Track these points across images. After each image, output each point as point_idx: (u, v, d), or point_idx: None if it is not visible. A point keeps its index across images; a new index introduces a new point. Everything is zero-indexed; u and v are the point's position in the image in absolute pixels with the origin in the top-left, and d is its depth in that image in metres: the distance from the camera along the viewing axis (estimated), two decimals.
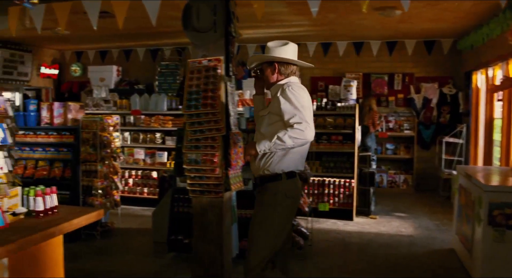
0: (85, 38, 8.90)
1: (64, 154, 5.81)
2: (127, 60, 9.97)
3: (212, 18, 4.04)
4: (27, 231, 2.41)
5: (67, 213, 2.84)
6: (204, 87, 3.99)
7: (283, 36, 8.54)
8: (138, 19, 6.02)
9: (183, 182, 5.43)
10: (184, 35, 8.49)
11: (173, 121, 7.58)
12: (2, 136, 2.25)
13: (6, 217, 2.35)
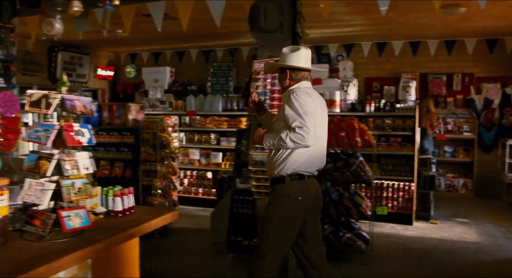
0: (140, 40, 9.07)
1: (125, 154, 5.90)
2: (180, 61, 10.08)
3: (279, 18, 4.00)
4: (110, 231, 2.43)
5: (143, 214, 2.86)
6: (271, 88, 3.96)
7: (338, 36, 8.42)
8: (194, 21, 6.07)
9: (242, 183, 5.43)
10: (237, 36, 8.63)
11: (228, 122, 7.59)
12: (88, 137, 2.27)
13: (90, 217, 2.37)
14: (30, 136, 2.24)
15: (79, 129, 2.29)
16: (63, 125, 2.23)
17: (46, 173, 2.20)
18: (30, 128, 2.25)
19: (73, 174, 2.27)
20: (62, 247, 2.16)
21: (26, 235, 2.30)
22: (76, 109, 2.27)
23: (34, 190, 2.23)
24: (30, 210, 2.28)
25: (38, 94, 2.25)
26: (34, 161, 2.25)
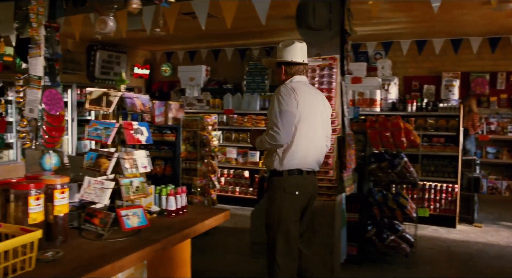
0: (176, 39, 9.08)
1: (165, 152, 5.91)
2: (216, 60, 10.06)
3: (328, 15, 3.92)
4: (166, 231, 2.40)
5: (196, 213, 2.82)
6: (319, 87, 3.89)
7: (377, 34, 8.26)
8: (233, 20, 6.03)
9: None
10: (273, 34, 8.55)
11: (266, 121, 7.52)
12: (147, 135, 2.24)
13: (147, 216, 2.34)
14: (90, 135, 2.22)
15: (138, 128, 2.26)
16: (123, 124, 2.21)
17: (106, 171, 2.18)
18: (90, 126, 2.23)
19: (132, 173, 2.25)
20: (122, 246, 2.14)
21: (84, 233, 2.29)
22: (136, 108, 2.24)
23: (93, 188, 2.21)
24: (89, 208, 2.27)
25: (98, 92, 2.23)
26: (93, 159, 2.24)
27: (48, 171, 2.27)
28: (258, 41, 9.35)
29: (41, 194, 2.01)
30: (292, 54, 3.36)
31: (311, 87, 3.45)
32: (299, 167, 3.29)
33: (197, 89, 8.52)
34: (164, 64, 10.54)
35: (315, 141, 3.35)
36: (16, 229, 1.89)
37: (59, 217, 2.13)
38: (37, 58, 2.95)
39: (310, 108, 3.27)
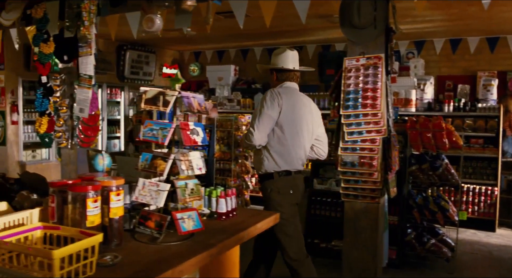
0: (204, 39, 9.04)
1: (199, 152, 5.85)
2: (244, 59, 9.99)
3: (373, 13, 3.80)
4: (219, 234, 2.33)
5: (245, 216, 2.75)
6: (363, 87, 3.78)
7: (409, 32, 8.08)
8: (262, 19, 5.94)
9: (320, 184, 5.27)
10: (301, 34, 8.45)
11: None
12: (202, 136, 2.17)
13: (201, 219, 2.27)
14: (146, 135, 2.16)
15: (194, 128, 2.20)
16: (181, 124, 2.15)
17: (163, 173, 2.12)
18: (145, 127, 2.18)
19: (188, 175, 2.19)
20: (179, 250, 2.08)
21: (137, 236, 2.23)
22: (193, 108, 2.18)
23: (148, 190, 2.15)
24: (143, 210, 2.21)
25: (153, 91, 2.17)
26: (148, 160, 2.18)
27: (100, 172, 2.21)
28: (287, 41, 9.25)
29: (98, 196, 1.96)
30: (283, 61, 3.63)
31: (301, 93, 3.71)
32: (286, 168, 3.53)
33: (227, 89, 8.47)
34: (192, 64, 10.52)
35: (300, 143, 3.59)
36: (75, 232, 1.84)
37: (114, 219, 2.07)
38: (88, 57, 2.91)
39: (295, 113, 3.53)
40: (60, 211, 2.02)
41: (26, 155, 7.54)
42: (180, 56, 10.75)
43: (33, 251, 1.62)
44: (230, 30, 7.74)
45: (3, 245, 1.70)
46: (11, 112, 7.21)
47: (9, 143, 7.24)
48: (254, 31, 8.05)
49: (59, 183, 2.01)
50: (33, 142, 7.74)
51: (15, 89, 7.25)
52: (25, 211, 2.03)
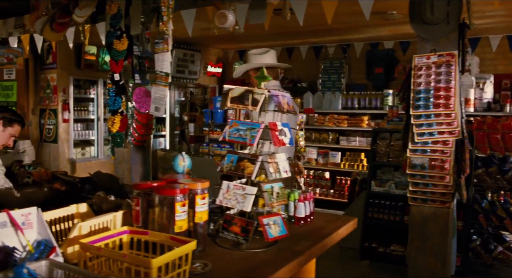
0: (249, 37, 8.93)
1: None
2: (289, 58, 9.84)
3: (445, 8, 3.60)
4: (304, 241, 2.21)
5: (323, 221, 2.62)
6: (435, 86, 3.59)
7: None
8: (309, 16, 5.76)
9: (378, 187, 5.09)
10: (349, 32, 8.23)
11: (349, 121, 7.26)
12: (289, 137, 2.05)
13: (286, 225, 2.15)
14: (232, 136, 2.06)
15: (282, 129, 2.07)
16: (270, 124, 2.03)
17: (250, 175, 2.00)
18: (230, 127, 2.07)
19: (275, 178, 2.07)
20: (267, 258, 1.96)
21: (219, 241, 2.13)
22: (282, 107, 2.06)
23: (233, 193, 2.05)
24: (226, 215, 2.11)
25: (240, 89, 2.06)
26: (234, 162, 2.07)
27: (180, 174, 2.11)
28: (334, 39, 9.05)
29: (186, 199, 1.87)
30: (266, 61, 3.74)
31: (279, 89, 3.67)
32: None
33: None
34: (236, 62, 10.44)
35: None
36: (165, 237, 1.74)
37: (199, 224, 1.98)
38: (164, 54, 2.83)
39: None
40: (144, 214, 1.94)
41: (76, 153, 7.61)
42: (225, 54, 10.70)
43: (129, 259, 1.53)
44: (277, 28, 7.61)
45: (95, 251, 1.62)
46: (63, 111, 7.28)
47: (60, 140, 7.31)
48: (300, 29, 7.88)
49: (144, 185, 1.92)
50: (82, 139, 7.82)
51: (67, 87, 7.32)
52: (109, 214, 1.95)
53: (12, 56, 6.74)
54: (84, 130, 7.82)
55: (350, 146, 7.20)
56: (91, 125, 7.93)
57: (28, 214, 1.68)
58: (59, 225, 2.00)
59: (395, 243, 5.03)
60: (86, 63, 7.47)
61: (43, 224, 1.69)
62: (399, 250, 4.93)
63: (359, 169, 6.94)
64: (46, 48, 7.10)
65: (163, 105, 2.77)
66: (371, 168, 5.21)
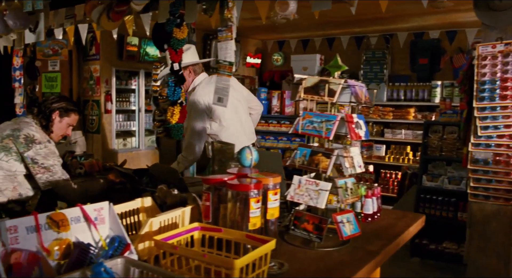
0: (289, 27, 8.78)
1: (296, 144, 5.64)
2: (330, 48, 9.66)
3: None
4: (376, 240, 2.09)
5: (390, 218, 2.49)
6: (502, 76, 3.39)
7: None
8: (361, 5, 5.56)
9: (430, 181, 4.90)
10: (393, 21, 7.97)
11: (394, 113, 7.05)
12: (365, 130, 1.93)
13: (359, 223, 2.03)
14: (305, 128, 1.95)
15: (358, 121, 1.95)
16: (346, 116, 1.91)
17: (325, 170, 1.89)
18: (303, 119, 1.96)
19: (350, 173, 1.95)
20: (342, 258, 1.85)
21: (287, 238, 2.03)
22: (360, 98, 1.94)
23: (305, 189, 1.94)
24: (297, 211, 2.00)
25: (314, 79, 1.95)
26: (307, 156, 1.96)
27: (247, 168, 2.02)
28: (377, 28, 8.82)
29: (260, 195, 1.77)
30: (195, 56, 3.69)
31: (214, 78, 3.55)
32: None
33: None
34: (275, 53, 10.31)
35: (242, 121, 3.68)
36: (240, 235, 1.65)
37: (270, 221, 1.88)
38: (228, 42, 2.74)
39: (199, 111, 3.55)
40: (214, 210, 1.85)
41: (117, 143, 7.65)
42: (264, 45, 10.57)
43: (209, 259, 1.45)
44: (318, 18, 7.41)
45: (171, 249, 1.54)
46: (105, 102, 7.31)
47: (102, 131, 7.36)
48: (341, 19, 7.70)
49: (215, 179, 1.83)
50: (124, 130, 7.85)
51: (109, 78, 7.35)
52: (177, 209, 1.87)
53: (57, 48, 6.79)
54: (126, 121, 7.85)
55: (395, 139, 6.99)
56: (132, 116, 7.95)
57: (100, 208, 1.61)
58: (125, 219, 1.93)
59: (448, 240, 4.85)
60: (128, 54, 7.47)
61: (116, 220, 1.62)
62: (452, 248, 4.74)
63: (405, 162, 6.74)
64: (89, 39, 7.13)
65: (226, 96, 2.68)
66: (423, 161, 5.02)
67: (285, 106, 5.71)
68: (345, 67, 2.03)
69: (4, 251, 1.35)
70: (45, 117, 2.93)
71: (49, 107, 2.94)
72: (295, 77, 2.04)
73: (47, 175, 2.77)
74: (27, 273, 1.35)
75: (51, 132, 2.96)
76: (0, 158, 2.73)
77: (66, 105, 2.99)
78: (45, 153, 2.79)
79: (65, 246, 1.50)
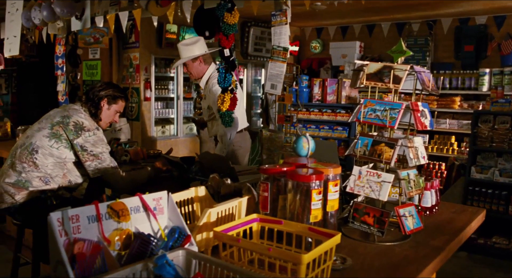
0: (328, 14, 8.59)
1: (338, 133, 5.53)
2: (370, 35, 9.43)
3: None
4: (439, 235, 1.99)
5: (449, 212, 2.38)
6: None
7: None
8: None
9: (479, 173, 4.72)
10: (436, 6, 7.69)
11: (438, 102, 6.83)
12: (429, 119, 1.82)
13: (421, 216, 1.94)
14: (367, 117, 1.86)
15: (423, 110, 1.85)
16: (411, 104, 1.81)
17: (389, 161, 1.80)
18: (365, 106, 1.87)
19: (414, 164, 1.86)
20: (405, 253, 1.77)
21: (345, 231, 1.96)
22: (426, 84, 1.83)
23: (366, 180, 1.85)
24: (356, 203, 1.92)
25: (376, 65, 1.85)
26: (368, 146, 1.88)
27: (303, 157, 1.94)
28: (420, 14, 8.53)
29: (321, 187, 1.69)
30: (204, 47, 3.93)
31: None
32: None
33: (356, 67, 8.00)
34: (314, 40, 10.14)
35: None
36: (302, 228, 1.59)
37: (330, 213, 1.81)
38: (282, 27, 2.65)
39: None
40: (272, 201, 1.79)
41: (156, 131, 7.69)
42: (302, 32, 10.41)
43: (275, 253, 1.38)
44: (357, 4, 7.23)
45: (232, 241, 1.49)
46: (144, 89, 7.33)
47: (142, 118, 7.40)
48: (383, 4, 7.48)
49: (274, 169, 1.77)
50: (162, 118, 7.88)
51: (148, 66, 7.36)
52: (234, 200, 1.82)
53: (98, 36, 6.83)
54: (164, 109, 7.87)
55: (439, 129, 6.76)
56: (171, 103, 7.96)
57: (159, 198, 1.57)
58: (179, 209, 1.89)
59: (497, 235, 4.68)
60: (167, 42, 7.47)
61: (175, 210, 1.57)
62: (502, 243, 4.57)
63: (449, 153, 6.52)
64: (129, 27, 7.15)
65: (280, 83, 2.60)
66: (472, 153, 4.84)
67: (327, 94, 5.59)
68: (410, 53, 1.92)
69: (67, 240, 1.32)
70: (94, 105, 2.92)
71: (97, 95, 2.92)
72: (356, 63, 1.95)
73: (96, 162, 2.77)
74: (90, 263, 1.32)
75: (99, 119, 2.95)
76: (51, 145, 2.73)
77: (113, 92, 2.97)
78: (94, 140, 2.79)
79: (125, 236, 1.46)
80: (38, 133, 2.79)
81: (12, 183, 2.72)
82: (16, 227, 3.06)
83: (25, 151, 2.76)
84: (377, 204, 1.96)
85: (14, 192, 2.71)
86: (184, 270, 1.40)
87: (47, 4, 3.71)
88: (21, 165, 2.74)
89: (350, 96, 5.52)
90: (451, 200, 4.92)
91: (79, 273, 1.28)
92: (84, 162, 2.77)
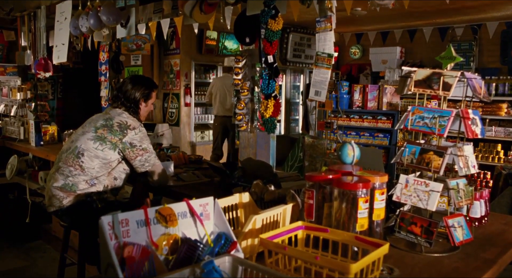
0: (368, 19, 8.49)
1: (379, 140, 5.45)
2: (411, 40, 9.28)
3: None
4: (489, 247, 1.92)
5: (500, 223, 2.30)
6: None
7: None
8: None
9: None
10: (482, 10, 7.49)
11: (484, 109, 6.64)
12: (481, 127, 1.76)
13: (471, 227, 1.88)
14: (415, 124, 1.83)
15: (474, 118, 1.80)
16: (462, 112, 1.76)
17: (438, 170, 1.76)
18: (413, 113, 1.83)
19: (465, 174, 1.81)
20: (454, 265, 1.72)
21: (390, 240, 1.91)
22: (477, 92, 1.78)
23: (413, 189, 1.81)
24: (403, 212, 1.88)
25: (425, 72, 1.82)
26: (416, 154, 1.84)
27: (348, 165, 1.91)
28: (464, 19, 8.34)
29: (368, 195, 1.67)
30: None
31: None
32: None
33: (398, 72, 7.87)
34: (353, 46, 10.06)
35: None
36: (349, 237, 1.56)
37: (376, 222, 1.77)
38: (327, 33, 2.64)
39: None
40: (317, 208, 1.77)
41: (196, 136, 7.77)
42: (341, 38, 10.34)
43: (322, 262, 1.37)
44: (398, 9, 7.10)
45: (279, 249, 1.48)
46: (185, 95, 7.44)
47: (182, 123, 7.50)
48: (425, 8, 7.34)
49: (320, 177, 1.75)
50: (201, 123, 7.96)
51: (189, 72, 7.46)
52: (279, 206, 1.81)
53: (141, 42, 6.97)
54: (203, 114, 7.96)
55: (485, 136, 6.57)
56: (210, 109, 8.04)
57: (205, 204, 1.58)
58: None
59: None
60: (207, 48, 7.56)
61: (221, 215, 1.58)
62: None
63: (495, 161, 6.33)
64: (170, 34, 7.27)
65: (324, 89, 2.59)
66: None
67: (367, 100, 5.52)
68: (460, 59, 1.87)
69: (117, 243, 1.34)
70: (133, 109, 2.99)
71: (134, 98, 2.99)
72: (403, 70, 1.91)
73: (145, 156, 2.87)
74: (139, 267, 1.34)
75: (140, 116, 3.05)
76: (96, 148, 2.80)
77: (145, 89, 3.04)
78: (140, 137, 2.87)
79: (172, 241, 1.48)
80: (82, 137, 2.86)
81: (60, 187, 2.80)
82: (63, 228, 3.15)
83: (71, 154, 2.84)
84: (424, 213, 1.92)
85: (63, 195, 2.79)
86: (230, 277, 1.40)
87: (94, 13, 3.82)
88: (67, 169, 2.82)
89: (392, 102, 5.43)
90: (498, 210, 4.75)
91: (129, 277, 1.30)
92: (135, 158, 2.85)
